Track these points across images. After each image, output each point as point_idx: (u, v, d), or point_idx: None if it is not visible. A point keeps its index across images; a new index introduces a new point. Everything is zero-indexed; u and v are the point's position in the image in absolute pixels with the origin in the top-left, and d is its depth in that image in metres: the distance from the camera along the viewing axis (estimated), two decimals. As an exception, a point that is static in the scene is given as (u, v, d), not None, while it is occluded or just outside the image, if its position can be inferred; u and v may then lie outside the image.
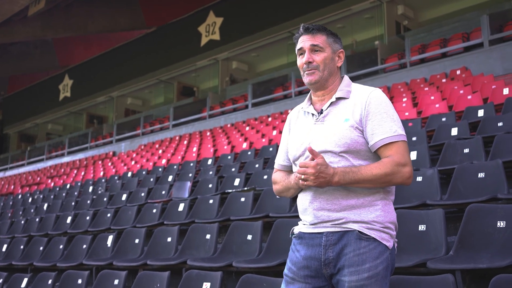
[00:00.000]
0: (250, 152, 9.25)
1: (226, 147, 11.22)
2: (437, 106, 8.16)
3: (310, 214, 2.00)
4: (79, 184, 12.47)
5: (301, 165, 1.90)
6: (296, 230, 2.11)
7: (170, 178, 8.87)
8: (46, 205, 9.50)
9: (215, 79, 21.92)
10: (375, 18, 16.91)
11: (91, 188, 10.61)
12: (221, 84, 21.25)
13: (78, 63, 27.13)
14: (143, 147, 17.12)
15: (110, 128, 22.57)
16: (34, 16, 21.53)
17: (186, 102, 21.32)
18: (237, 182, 6.77)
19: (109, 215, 6.93)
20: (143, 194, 7.87)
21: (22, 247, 6.71)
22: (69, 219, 7.48)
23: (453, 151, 5.09)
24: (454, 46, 12.20)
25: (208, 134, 14.58)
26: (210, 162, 9.84)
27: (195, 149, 12.54)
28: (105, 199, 8.45)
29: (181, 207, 6.13)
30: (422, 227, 3.27)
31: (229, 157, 9.50)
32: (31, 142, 30.06)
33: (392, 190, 2.05)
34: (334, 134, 1.98)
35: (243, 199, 5.51)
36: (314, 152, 1.90)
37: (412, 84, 11.39)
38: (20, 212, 9.94)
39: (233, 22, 19.91)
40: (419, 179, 4.33)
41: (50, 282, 4.56)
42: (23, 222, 8.28)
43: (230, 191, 6.17)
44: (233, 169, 8.08)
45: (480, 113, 6.66)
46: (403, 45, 13.61)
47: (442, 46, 12.65)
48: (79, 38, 25.92)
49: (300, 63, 2.08)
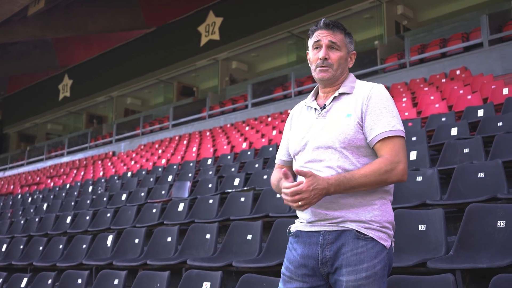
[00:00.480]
0: (249, 152, 9.25)
1: (225, 147, 11.22)
2: (436, 106, 8.16)
3: (307, 212, 1.99)
4: (79, 184, 12.47)
5: (292, 193, 1.81)
6: (293, 228, 2.10)
7: (170, 178, 8.87)
8: (45, 205, 9.50)
9: (215, 79, 21.91)
10: (374, 18, 16.92)
11: (90, 188, 10.60)
12: (220, 84, 21.25)
13: (77, 63, 27.13)
14: (142, 147, 17.12)
15: (110, 128, 22.57)
16: (33, 16, 21.54)
17: (186, 102, 21.32)
18: (236, 182, 6.77)
19: (108, 215, 6.93)
20: (142, 194, 7.87)
21: (21, 247, 6.71)
22: (68, 219, 7.48)
23: (453, 151, 5.09)
24: (454, 46, 12.20)
25: (208, 134, 14.58)
26: (209, 162, 9.84)
27: (194, 149, 12.54)
28: (104, 199, 8.45)
29: (181, 207, 6.13)
30: (422, 227, 3.27)
31: (228, 157, 9.50)
32: (30, 142, 30.06)
33: (391, 190, 2.04)
34: (335, 129, 1.97)
35: (243, 199, 5.51)
36: (302, 172, 1.82)
37: (411, 84, 11.39)
38: (20, 212, 9.94)
39: (232, 22, 19.91)
40: (419, 179, 4.33)
41: (50, 282, 4.56)
42: (22, 222, 8.28)
43: (230, 191, 6.17)
44: (232, 169, 8.08)
45: (480, 113, 6.66)
46: (402, 45, 13.61)
47: (442, 46, 12.65)
48: (79, 38, 25.92)
49: (314, 57, 2.06)
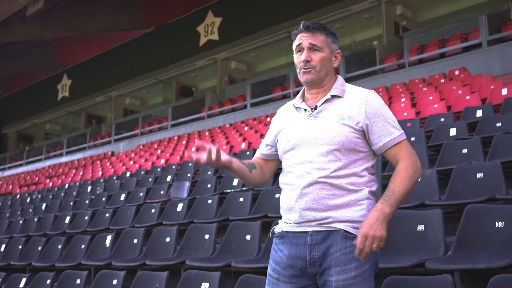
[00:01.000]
0: (248, 152, 9.24)
1: (224, 147, 11.22)
2: (435, 106, 8.17)
3: (295, 213, 1.99)
4: (78, 184, 12.46)
5: (360, 252, 1.83)
6: (277, 229, 2.09)
7: (169, 178, 8.86)
8: (44, 205, 9.49)
9: (214, 79, 21.91)
10: (373, 18, 16.93)
11: (89, 188, 10.59)
12: (219, 84, 21.25)
13: (77, 63, 27.11)
14: (141, 147, 17.12)
15: (109, 128, 22.55)
16: (33, 16, 21.51)
17: (185, 102, 21.30)
18: (235, 182, 6.76)
19: (107, 215, 6.93)
20: (141, 194, 7.86)
21: (20, 247, 6.70)
22: (67, 219, 7.47)
23: (451, 151, 5.10)
24: (453, 47, 12.21)
25: (207, 134, 14.58)
26: (209, 162, 9.83)
27: (193, 149, 12.54)
28: (103, 199, 8.44)
29: (179, 207, 6.13)
30: (420, 227, 3.27)
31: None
32: (29, 142, 30.03)
33: (376, 190, 2.06)
34: (329, 131, 1.98)
35: (241, 199, 5.51)
36: (365, 243, 1.82)
37: (410, 84, 11.40)
38: (19, 212, 9.93)
39: (232, 22, 19.91)
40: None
41: (48, 282, 4.56)
42: (21, 222, 8.27)
43: (229, 191, 6.17)
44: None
45: (479, 113, 6.67)
46: (401, 45, 13.62)
47: (441, 46, 12.66)
48: (78, 38, 25.89)
49: (297, 60, 2.08)
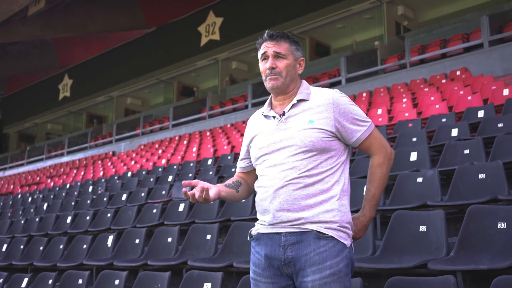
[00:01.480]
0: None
1: (226, 147, 11.22)
2: (437, 106, 8.17)
3: (269, 214, 2.04)
4: (79, 184, 12.47)
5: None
6: (254, 231, 2.15)
7: (170, 178, 8.87)
8: (46, 205, 9.50)
9: (215, 79, 21.92)
10: (375, 18, 16.92)
11: (91, 188, 10.60)
12: (221, 84, 21.25)
13: (77, 63, 27.11)
14: (142, 147, 17.13)
15: (110, 128, 22.56)
16: (33, 16, 21.53)
17: (186, 102, 21.31)
18: (237, 182, 6.74)
19: (109, 215, 6.93)
20: (143, 194, 7.87)
21: (22, 247, 6.70)
22: (69, 219, 7.47)
23: (453, 152, 5.10)
24: (454, 47, 12.21)
25: (208, 134, 14.58)
26: (210, 162, 9.84)
27: (195, 149, 12.55)
28: (105, 199, 8.44)
29: (181, 207, 6.13)
30: (422, 228, 3.28)
31: (229, 157, 9.50)
32: (30, 142, 30.06)
33: (348, 190, 2.12)
34: (299, 135, 2.04)
35: (243, 200, 5.50)
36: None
37: (412, 85, 11.39)
38: (20, 212, 9.94)
39: (233, 22, 19.91)
40: (420, 180, 4.33)
41: (50, 282, 4.56)
42: (23, 222, 8.28)
43: (230, 191, 6.14)
44: (233, 169, 8.07)
45: (480, 114, 6.66)
46: (403, 45, 13.61)
47: (442, 46, 12.66)
48: (79, 38, 25.89)
49: (263, 68, 2.16)
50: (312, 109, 2.09)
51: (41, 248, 6.41)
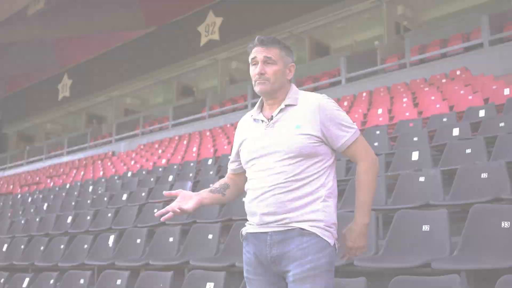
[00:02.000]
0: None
1: (226, 147, 11.22)
2: (437, 106, 8.17)
3: (257, 216, 2.10)
4: (79, 184, 12.44)
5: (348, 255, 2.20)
6: (244, 232, 2.21)
7: (171, 178, 8.85)
8: (46, 204, 9.48)
9: (215, 79, 21.91)
10: (375, 18, 16.93)
11: (91, 188, 10.58)
12: (220, 84, 21.25)
13: (77, 63, 27.07)
14: (142, 147, 17.11)
15: (109, 128, 22.54)
16: (33, 16, 21.52)
17: (186, 102, 21.30)
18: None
19: (109, 215, 6.91)
20: (143, 194, 7.85)
21: (22, 246, 6.69)
22: (69, 219, 7.46)
23: (455, 151, 5.09)
24: (454, 47, 12.22)
25: (208, 134, 14.57)
26: (210, 162, 9.83)
27: (195, 149, 12.53)
28: (105, 198, 8.42)
29: (182, 207, 6.10)
30: (426, 228, 3.27)
31: (229, 157, 9.45)
32: (30, 142, 30.00)
33: (334, 192, 2.15)
34: (286, 139, 2.09)
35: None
36: (351, 253, 2.18)
37: (412, 85, 11.39)
38: (20, 212, 9.92)
39: (232, 22, 19.89)
40: (422, 179, 4.33)
41: (52, 282, 4.56)
42: (23, 222, 8.26)
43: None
44: (233, 169, 8.05)
45: (481, 113, 6.66)
46: (403, 45, 13.62)
47: (442, 46, 12.67)
48: (78, 38, 25.87)
49: (252, 73, 2.18)
50: (300, 114, 2.13)
51: (41, 248, 6.38)
